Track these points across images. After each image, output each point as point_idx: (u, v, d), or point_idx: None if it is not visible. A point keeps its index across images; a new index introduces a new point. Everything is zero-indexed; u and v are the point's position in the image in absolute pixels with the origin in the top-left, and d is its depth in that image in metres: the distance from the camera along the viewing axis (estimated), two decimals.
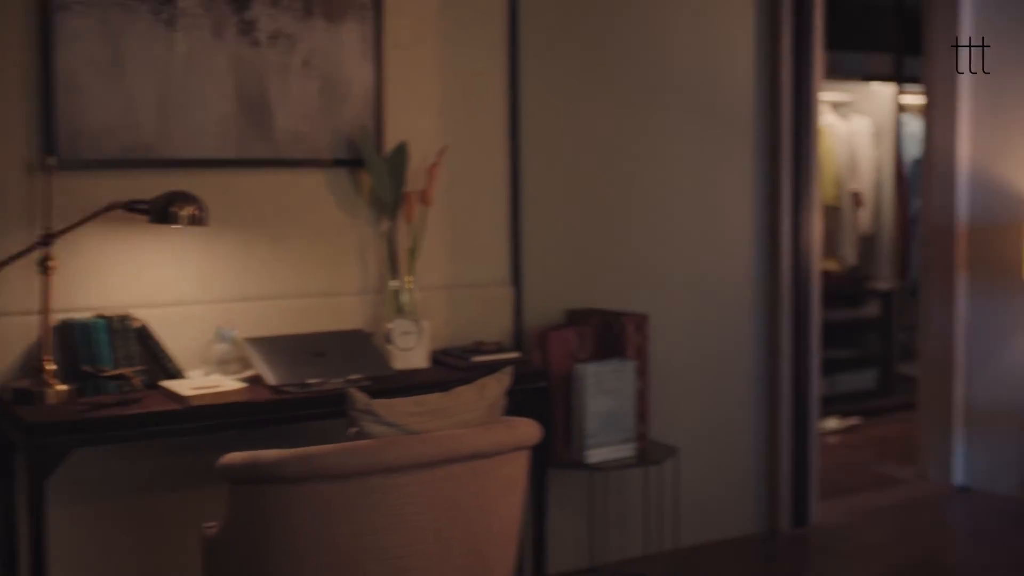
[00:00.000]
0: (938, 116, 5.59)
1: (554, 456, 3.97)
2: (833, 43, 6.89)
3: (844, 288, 7.48)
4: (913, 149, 7.47)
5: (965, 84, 5.47)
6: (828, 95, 7.18)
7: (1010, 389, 5.30)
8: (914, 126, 7.44)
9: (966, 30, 5.44)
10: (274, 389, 3.36)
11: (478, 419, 2.90)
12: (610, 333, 4.11)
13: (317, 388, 3.37)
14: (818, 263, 4.99)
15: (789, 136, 4.82)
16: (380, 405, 2.78)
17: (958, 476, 5.56)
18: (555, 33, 4.32)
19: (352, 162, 3.88)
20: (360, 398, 2.78)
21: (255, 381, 3.43)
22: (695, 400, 4.69)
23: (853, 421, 6.97)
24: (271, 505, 2.69)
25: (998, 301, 5.36)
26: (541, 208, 4.29)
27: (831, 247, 7.22)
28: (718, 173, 4.74)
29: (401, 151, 3.85)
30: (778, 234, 4.84)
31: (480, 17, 4.15)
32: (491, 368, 3.26)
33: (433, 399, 2.88)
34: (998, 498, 5.25)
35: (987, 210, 5.41)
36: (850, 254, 7.37)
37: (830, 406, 6.92)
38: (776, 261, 4.85)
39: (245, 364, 3.53)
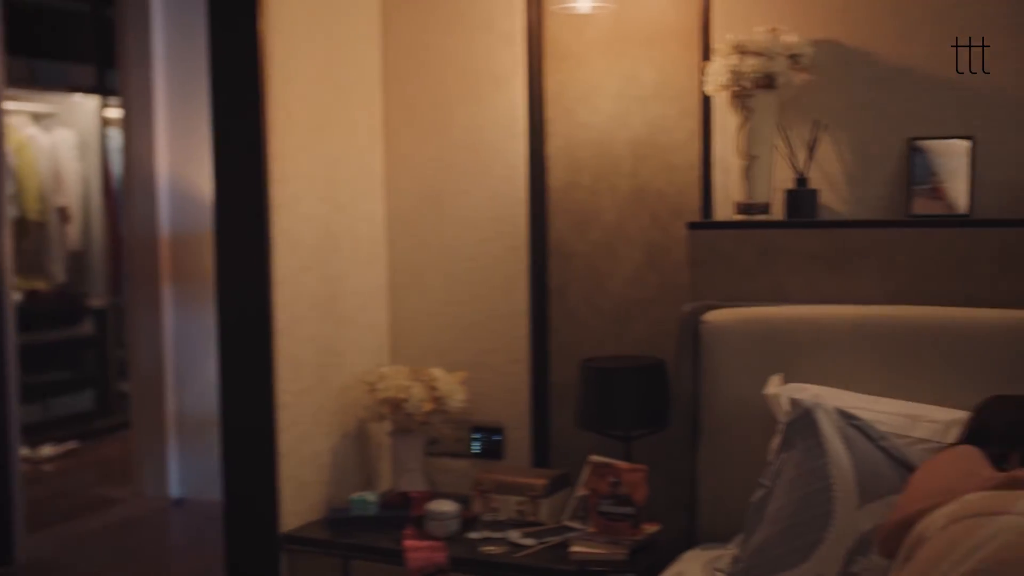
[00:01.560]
0: (136, 128, 5.54)
1: None
2: (32, 51, 6.60)
3: (57, 307, 7.18)
4: (120, 162, 7.38)
5: (160, 96, 5.48)
6: (28, 106, 6.86)
7: (214, 397, 5.38)
8: (120, 139, 7.36)
9: (159, 43, 5.45)
10: None
11: None
12: None
13: None
14: (14, 282, 4.70)
15: None
16: None
17: (174, 488, 5.57)
18: None
19: None
20: None
21: None
22: None
23: (71, 445, 6.70)
24: None
25: (200, 311, 5.43)
26: None
27: (39, 265, 6.91)
28: None
29: None
30: None
31: None
32: None
33: None
34: (210, 504, 5.31)
35: (186, 221, 5.47)
36: (59, 271, 7.09)
37: (45, 432, 6.62)
38: None
39: None
